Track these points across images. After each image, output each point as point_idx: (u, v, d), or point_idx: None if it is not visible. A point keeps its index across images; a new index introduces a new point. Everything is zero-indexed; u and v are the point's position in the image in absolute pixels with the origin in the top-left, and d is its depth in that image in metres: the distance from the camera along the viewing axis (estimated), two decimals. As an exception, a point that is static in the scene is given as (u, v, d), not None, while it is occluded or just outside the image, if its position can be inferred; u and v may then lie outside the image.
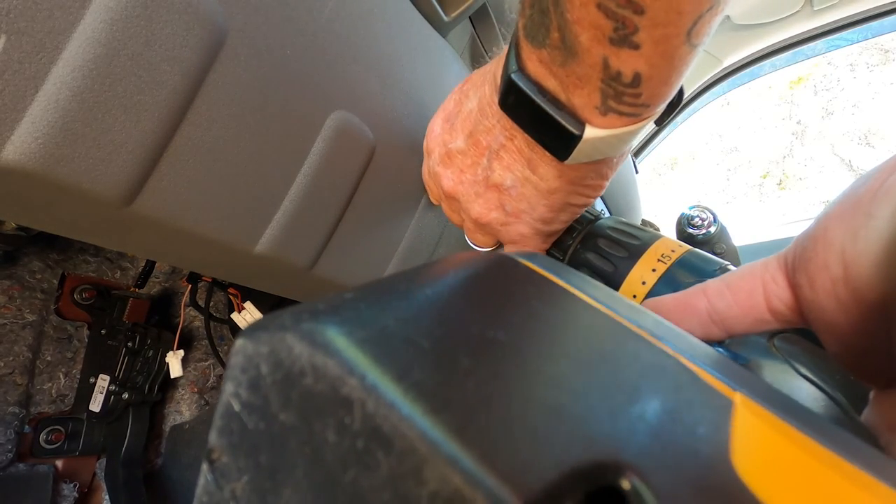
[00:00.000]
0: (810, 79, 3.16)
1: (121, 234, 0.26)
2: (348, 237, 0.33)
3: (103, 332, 0.60)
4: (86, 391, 0.59)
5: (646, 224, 0.70)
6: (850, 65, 3.03)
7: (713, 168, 3.40)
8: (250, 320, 0.58)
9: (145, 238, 0.26)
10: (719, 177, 3.36)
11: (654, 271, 0.27)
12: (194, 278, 0.61)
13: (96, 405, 0.58)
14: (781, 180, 3.14)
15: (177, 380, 0.68)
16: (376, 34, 0.31)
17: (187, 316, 0.69)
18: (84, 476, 0.60)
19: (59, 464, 0.57)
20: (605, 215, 0.34)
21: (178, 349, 0.60)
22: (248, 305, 0.59)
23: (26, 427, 0.55)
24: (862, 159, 2.86)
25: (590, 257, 0.31)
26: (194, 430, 0.65)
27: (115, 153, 0.20)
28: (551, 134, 0.24)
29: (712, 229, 0.60)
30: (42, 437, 0.56)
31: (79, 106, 0.19)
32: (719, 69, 1.25)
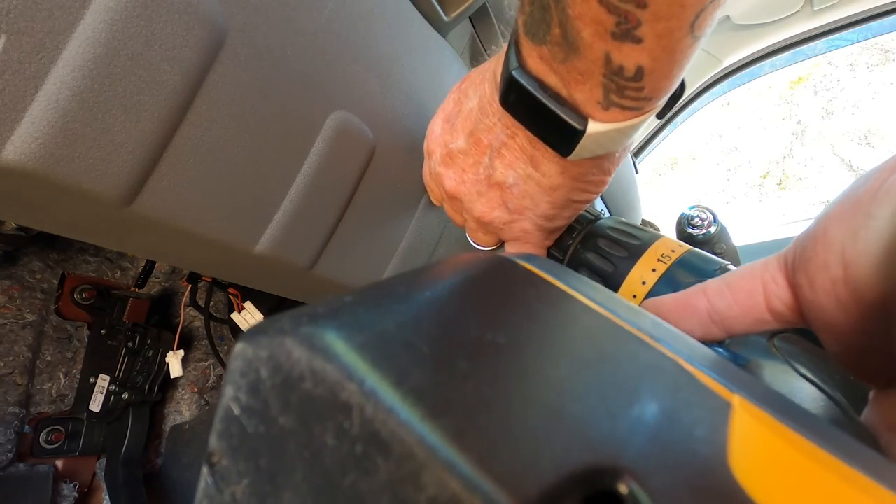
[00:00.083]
0: (810, 79, 3.16)
1: (121, 234, 0.26)
2: (348, 237, 0.33)
3: (103, 332, 0.60)
4: (86, 391, 0.59)
5: (646, 224, 0.70)
6: (850, 65, 3.03)
7: (713, 168, 3.40)
8: (250, 320, 0.58)
9: (145, 238, 0.26)
10: (719, 177, 3.36)
11: (654, 271, 0.27)
12: (194, 278, 0.61)
13: (96, 405, 0.58)
14: (781, 180, 3.14)
15: (177, 380, 0.68)
16: (376, 34, 0.31)
17: (187, 316, 0.69)
18: (84, 476, 0.60)
19: (59, 464, 0.57)
20: (605, 215, 0.34)
21: (178, 349, 0.60)
22: (248, 305, 0.59)
23: (26, 427, 0.55)
24: (862, 159, 2.86)
25: (590, 257, 0.31)
26: (194, 430, 0.65)
27: (115, 153, 0.20)
28: (553, 130, 0.24)
29: (712, 229, 0.60)
30: (42, 437, 0.56)
31: (79, 106, 0.19)
32: (719, 69, 1.25)
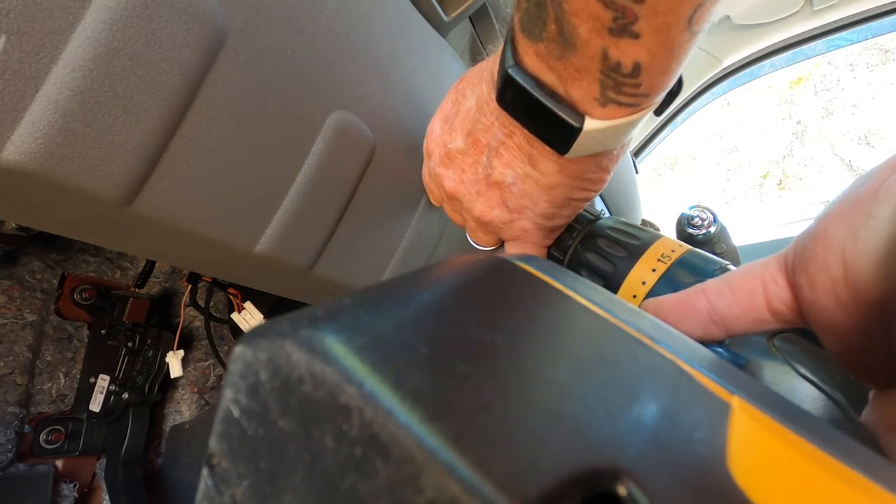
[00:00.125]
0: (810, 79, 3.16)
1: (121, 234, 0.26)
2: (348, 237, 0.33)
3: (103, 332, 0.60)
4: (86, 391, 0.59)
5: (646, 224, 0.70)
6: (850, 65, 3.03)
7: (713, 168, 3.40)
8: (250, 320, 0.58)
9: (145, 238, 0.26)
10: (719, 177, 3.36)
11: (654, 271, 0.27)
12: (194, 278, 0.61)
13: (96, 405, 0.58)
14: (781, 180, 3.14)
15: (177, 380, 0.68)
16: (376, 34, 0.31)
17: (187, 316, 0.69)
18: (84, 476, 0.60)
19: (59, 464, 0.57)
20: (605, 215, 0.34)
21: (178, 349, 0.60)
22: (248, 305, 0.59)
23: (26, 427, 0.55)
24: (862, 159, 2.86)
25: (590, 257, 0.31)
26: (194, 430, 0.65)
27: (115, 153, 0.20)
28: (551, 128, 0.24)
29: (712, 229, 0.60)
30: (42, 437, 0.56)
31: (79, 106, 0.19)
32: (719, 69, 1.25)
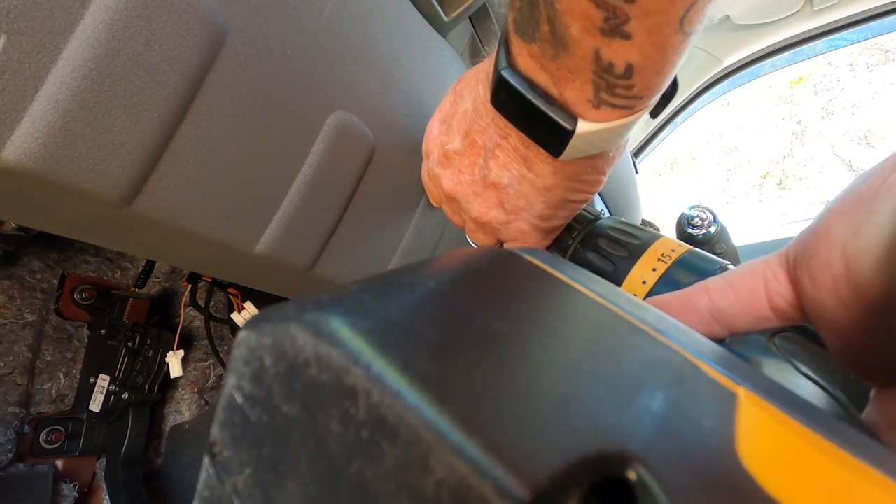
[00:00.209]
0: (810, 79, 3.16)
1: (121, 234, 0.26)
2: (348, 237, 0.33)
3: (103, 332, 0.60)
4: (86, 391, 0.59)
5: (646, 224, 0.70)
6: (850, 65, 3.03)
7: (713, 168, 3.40)
8: (250, 320, 0.58)
9: (145, 238, 0.26)
10: (719, 177, 3.36)
11: (654, 271, 0.27)
12: (194, 278, 0.61)
13: (96, 405, 0.58)
14: (781, 180, 3.14)
15: (177, 380, 0.68)
16: (376, 34, 0.31)
17: (187, 316, 0.69)
18: (84, 476, 0.60)
19: (59, 464, 0.57)
20: (605, 215, 0.34)
21: (178, 349, 0.60)
22: (248, 305, 0.59)
23: (26, 427, 0.55)
24: (862, 159, 2.86)
25: (590, 257, 0.31)
26: (194, 430, 0.65)
27: (115, 153, 0.20)
28: (544, 130, 0.24)
29: (712, 229, 0.60)
30: (42, 437, 0.56)
31: (79, 106, 0.19)
32: (719, 69, 1.25)
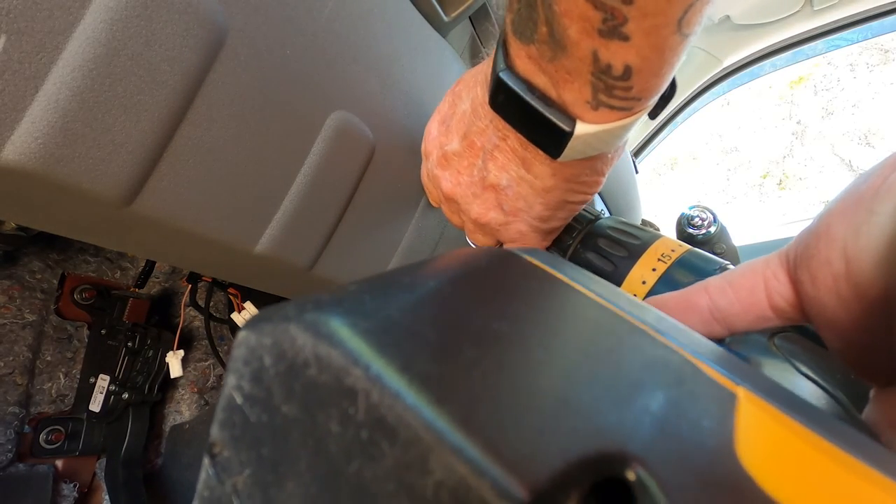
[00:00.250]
0: (810, 79, 3.16)
1: (121, 234, 0.26)
2: (348, 237, 0.33)
3: (103, 332, 0.60)
4: (86, 391, 0.59)
5: (646, 224, 0.70)
6: (850, 65, 3.03)
7: (713, 168, 3.40)
8: (250, 320, 0.58)
9: (145, 238, 0.26)
10: (719, 177, 3.36)
11: (654, 271, 0.27)
12: (194, 278, 0.61)
13: (96, 405, 0.58)
14: (781, 180, 3.14)
15: (177, 380, 0.68)
16: (376, 34, 0.31)
17: (187, 316, 0.69)
18: (84, 476, 0.60)
19: (59, 464, 0.57)
20: (605, 215, 0.34)
21: (178, 349, 0.60)
22: (248, 305, 0.59)
23: (26, 427, 0.55)
24: (862, 159, 2.86)
25: (590, 257, 0.31)
26: (194, 430, 0.65)
27: (115, 153, 0.20)
28: (542, 132, 0.24)
29: (712, 229, 0.60)
30: (42, 437, 0.56)
31: (79, 106, 0.19)
32: (719, 69, 1.25)
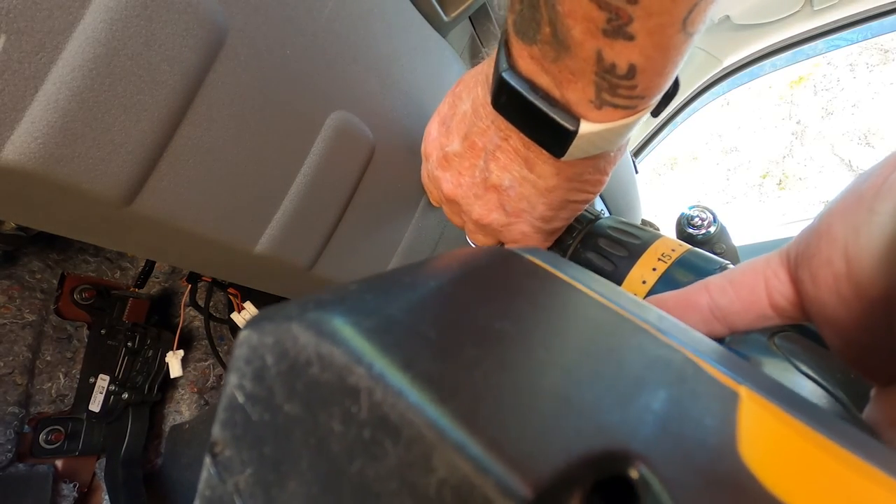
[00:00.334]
0: (810, 79, 3.16)
1: (121, 234, 0.26)
2: (348, 237, 0.33)
3: (103, 332, 0.60)
4: (85, 391, 0.59)
5: (646, 224, 0.70)
6: (850, 65, 3.03)
7: (713, 168, 3.40)
8: (250, 320, 0.58)
9: (145, 238, 0.26)
10: (719, 177, 3.36)
11: (654, 270, 0.27)
12: (194, 278, 0.61)
13: (96, 405, 0.58)
14: (781, 180, 3.14)
15: (177, 380, 0.68)
16: (376, 34, 0.31)
17: (187, 316, 0.69)
18: (84, 476, 0.60)
19: (58, 464, 0.57)
20: (605, 215, 0.34)
21: (177, 349, 0.60)
22: (248, 305, 0.59)
23: (26, 427, 0.55)
24: (862, 159, 2.86)
25: (590, 257, 0.31)
26: (194, 430, 0.65)
27: (115, 153, 0.20)
28: (546, 132, 0.24)
29: (712, 229, 0.60)
30: (42, 437, 0.56)
31: (79, 106, 0.19)
32: (719, 69, 1.25)
